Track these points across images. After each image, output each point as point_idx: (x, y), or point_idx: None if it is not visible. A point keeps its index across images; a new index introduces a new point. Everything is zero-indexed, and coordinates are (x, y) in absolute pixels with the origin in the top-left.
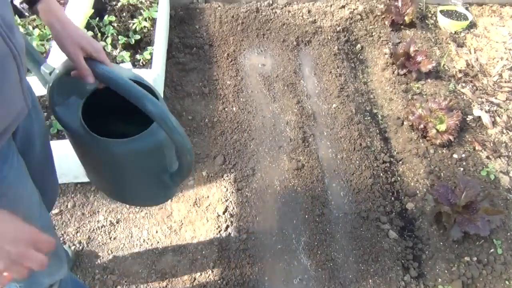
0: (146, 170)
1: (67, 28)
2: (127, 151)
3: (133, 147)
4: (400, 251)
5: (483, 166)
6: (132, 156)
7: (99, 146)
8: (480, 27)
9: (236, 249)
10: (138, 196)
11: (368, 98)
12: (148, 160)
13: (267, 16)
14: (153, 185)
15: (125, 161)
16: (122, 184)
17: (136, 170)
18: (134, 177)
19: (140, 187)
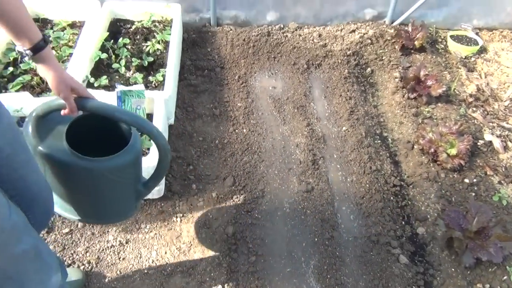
0: (126, 182)
1: (62, 73)
2: (113, 166)
3: (118, 162)
4: (411, 277)
5: (495, 191)
6: (116, 170)
7: (87, 167)
8: (490, 52)
9: (245, 271)
10: (115, 210)
11: (378, 121)
12: (127, 172)
13: (278, 40)
14: (129, 196)
15: (110, 176)
16: (102, 202)
17: (118, 184)
18: (115, 190)
19: (118, 199)
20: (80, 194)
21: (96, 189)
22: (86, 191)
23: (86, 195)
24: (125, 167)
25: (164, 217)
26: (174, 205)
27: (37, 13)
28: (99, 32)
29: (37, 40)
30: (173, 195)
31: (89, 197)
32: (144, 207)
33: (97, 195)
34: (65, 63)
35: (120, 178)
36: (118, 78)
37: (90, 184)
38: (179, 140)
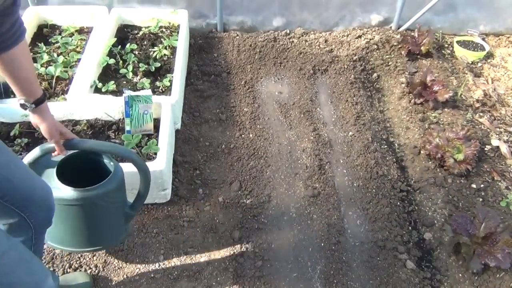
0: (114, 206)
1: (54, 121)
2: (102, 193)
3: (105, 189)
4: (418, 282)
5: (503, 197)
6: (105, 196)
7: (79, 197)
8: (497, 57)
9: (251, 276)
10: (108, 234)
11: (384, 126)
12: (115, 197)
13: (284, 45)
14: (119, 219)
15: (100, 202)
16: (95, 228)
17: (107, 209)
18: (106, 215)
19: (109, 224)
20: (76, 225)
21: (89, 216)
22: (81, 221)
23: (81, 224)
24: (112, 192)
25: (171, 222)
26: (180, 209)
27: (46, 19)
28: (106, 38)
29: (40, 95)
30: (179, 200)
31: (84, 225)
32: (151, 211)
33: (91, 222)
34: (73, 68)
35: (109, 203)
36: (126, 83)
37: (84, 213)
38: (185, 145)
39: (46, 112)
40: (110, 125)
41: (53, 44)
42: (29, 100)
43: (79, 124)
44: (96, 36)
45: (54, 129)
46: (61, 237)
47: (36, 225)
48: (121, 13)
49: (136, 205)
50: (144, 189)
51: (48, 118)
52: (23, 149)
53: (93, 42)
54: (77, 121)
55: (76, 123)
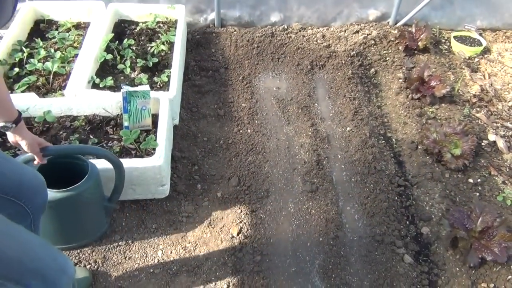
0: (94, 200)
1: (33, 136)
2: (81, 191)
3: (84, 187)
4: (415, 276)
5: (499, 191)
6: (84, 193)
7: (60, 198)
8: (494, 52)
9: (250, 271)
10: (92, 228)
11: (382, 121)
12: (94, 192)
13: (282, 41)
14: (100, 212)
15: (81, 198)
16: (80, 223)
17: (88, 204)
18: (88, 210)
19: (92, 217)
20: (61, 223)
21: (72, 214)
22: (66, 219)
23: (66, 222)
24: (90, 189)
25: (170, 217)
26: (179, 205)
27: (42, 14)
28: (104, 33)
29: (17, 114)
30: (178, 195)
31: (69, 223)
32: (150, 207)
33: (74, 219)
34: (70, 64)
35: (89, 199)
36: (123, 78)
37: (68, 211)
38: (183, 141)
39: (24, 128)
40: (108, 121)
41: (50, 39)
42: (9, 121)
43: (77, 120)
44: (93, 31)
45: (34, 142)
46: (48, 236)
47: (34, 211)
48: (118, 8)
49: (113, 197)
50: (119, 181)
51: (28, 134)
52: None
53: (90, 38)
54: (75, 116)
55: (74, 119)
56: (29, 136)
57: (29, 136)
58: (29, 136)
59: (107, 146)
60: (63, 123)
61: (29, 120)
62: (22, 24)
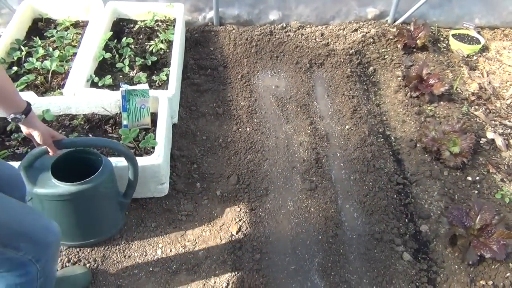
0: (109, 194)
1: (45, 127)
2: (96, 185)
3: (98, 180)
4: (414, 274)
5: (498, 189)
6: (98, 187)
7: (74, 191)
8: (492, 50)
9: (250, 269)
10: (107, 223)
11: (381, 120)
12: (108, 186)
13: (280, 39)
14: (115, 207)
15: (95, 194)
16: (96, 218)
17: (103, 198)
18: (103, 204)
19: (108, 212)
20: (76, 218)
21: (87, 208)
22: (80, 214)
23: (81, 218)
24: (104, 183)
25: (169, 216)
26: (178, 203)
27: (41, 13)
28: (102, 31)
29: (25, 105)
30: (177, 194)
31: (83, 218)
32: (149, 205)
33: (89, 214)
34: (69, 62)
35: (103, 193)
36: (122, 77)
37: (82, 206)
38: (182, 139)
39: (35, 119)
40: (107, 120)
41: (48, 38)
42: (18, 112)
43: (76, 119)
44: (91, 30)
45: (47, 133)
46: (64, 233)
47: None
48: (116, 7)
49: (128, 193)
50: (133, 176)
51: (40, 124)
52: (20, 144)
53: (88, 36)
54: (74, 115)
55: (73, 117)
56: (42, 127)
57: (42, 127)
58: (41, 127)
59: None
60: (62, 122)
61: None
62: (20, 23)
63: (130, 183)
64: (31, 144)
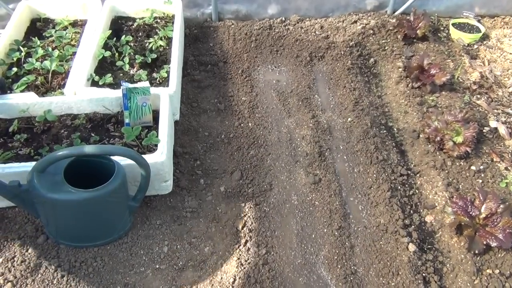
0: (120, 200)
1: None
2: (109, 191)
3: (111, 187)
4: (421, 264)
5: (502, 178)
6: (112, 192)
7: (89, 198)
8: (493, 39)
9: (256, 263)
10: (117, 226)
11: (383, 111)
12: (120, 192)
13: (280, 33)
14: (124, 211)
15: (108, 198)
16: (106, 222)
17: (114, 203)
18: (114, 209)
19: (117, 216)
20: (87, 222)
21: (99, 213)
22: (92, 218)
23: (91, 221)
24: (117, 189)
25: (174, 213)
26: (183, 200)
27: (38, 13)
28: (101, 30)
29: None
30: (181, 191)
31: (94, 222)
32: (154, 203)
33: (100, 218)
34: (68, 62)
35: (115, 198)
36: (122, 75)
37: (94, 211)
38: (185, 136)
39: None
40: (109, 118)
41: (47, 38)
42: None
43: (78, 118)
44: (90, 29)
45: None
46: (74, 235)
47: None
48: (114, 5)
49: (138, 197)
50: (145, 181)
51: None
52: (23, 145)
53: (87, 35)
54: (76, 115)
55: (74, 117)
56: None
57: None
58: None
59: (109, 143)
60: (63, 121)
61: (29, 119)
62: (18, 23)
63: (141, 187)
64: (33, 145)
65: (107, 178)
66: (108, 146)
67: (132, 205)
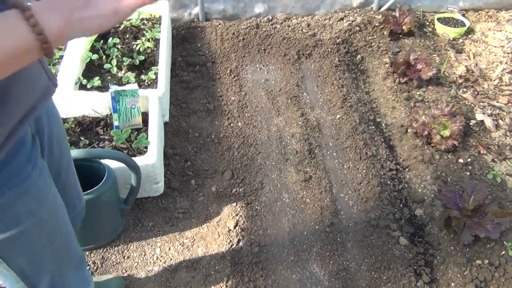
0: (112, 201)
1: None
2: (100, 194)
3: (102, 190)
4: (411, 257)
5: (489, 170)
6: (102, 196)
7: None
8: (477, 32)
9: (249, 262)
10: (109, 229)
11: (371, 107)
12: (111, 195)
13: (267, 32)
14: (117, 213)
15: (99, 202)
16: (99, 224)
17: (107, 205)
18: (107, 211)
19: (110, 218)
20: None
21: (90, 216)
22: (84, 221)
23: (83, 225)
24: (108, 192)
25: (166, 214)
26: (174, 201)
27: None
28: None
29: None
30: (173, 192)
31: (86, 225)
32: (145, 205)
33: (92, 221)
34: (56, 66)
35: (106, 201)
36: (111, 78)
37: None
38: (175, 137)
39: None
40: (98, 121)
41: None
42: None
43: (67, 122)
44: None
45: None
46: None
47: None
48: None
49: (130, 199)
50: (136, 184)
51: None
52: None
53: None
54: (64, 119)
55: (63, 121)
56: None
57: None
58: None
59: (99, 147)
60: None
61: None
62: None
63: (132, 190)
64: None
65: (98, 182)
66: (97, 150)
67: (124, 208)
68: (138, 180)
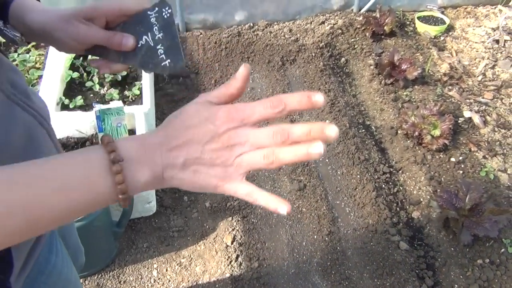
0: (103, 228)
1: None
2: (91, 220)
3: (94, 215)
4: (413, 262)
5: (481, 167)
6: (94, 221)
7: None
8: (457, 29)
9: (249, 278)
10: (103, 253)
11: (359, 110)
12: (103, 220)
13: (249, 39)
14: (107, 239)
15: (90, 228)
16: (94, 249)
17: (101, 229)
18: (100, 236)
19: (104, 242)
20: None
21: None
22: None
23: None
24: (100, 216)
25: (160, 234)
26: (168, 220)
27: None
28: None
29: None
30: (165, 210)
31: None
32: (138, 226)
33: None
34: (35, 86)
35: (98, 227)
36: (93, 96)
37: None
38: None
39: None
40: (84, 142)
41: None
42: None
43: None
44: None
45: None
46: None
47: None
48: None
49: (123, 222)
50: (128, 206)
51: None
52: None
53: (52, 57)
54: None
55: None
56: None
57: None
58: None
59: None
60: None
61: None
62: None
63: (125, 212)
64: None
65: None
66: None
67: (117, 231)
68: (130, 203)
